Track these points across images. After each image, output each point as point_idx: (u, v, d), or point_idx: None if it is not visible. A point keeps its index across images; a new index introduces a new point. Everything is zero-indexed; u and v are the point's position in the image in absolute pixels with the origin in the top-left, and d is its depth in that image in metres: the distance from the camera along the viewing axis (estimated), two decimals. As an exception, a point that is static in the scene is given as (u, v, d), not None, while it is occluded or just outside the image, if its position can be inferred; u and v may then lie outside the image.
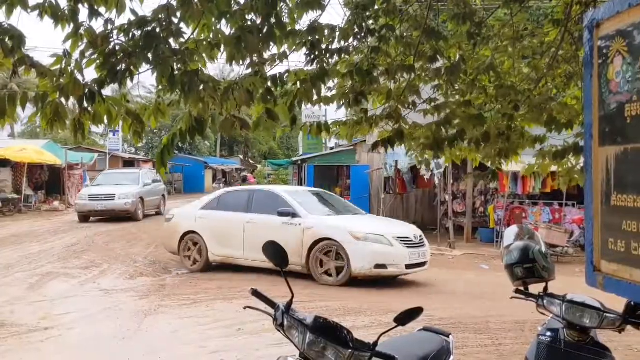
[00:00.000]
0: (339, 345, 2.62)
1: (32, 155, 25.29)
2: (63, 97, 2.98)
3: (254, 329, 6.96)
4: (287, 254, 2.80)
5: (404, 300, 8.58)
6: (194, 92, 3.02)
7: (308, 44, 3.62)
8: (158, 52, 2.89)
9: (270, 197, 11.29)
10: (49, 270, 11.05)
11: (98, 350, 6.27)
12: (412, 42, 4.37)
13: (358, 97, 4.28)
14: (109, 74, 2.94)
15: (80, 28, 2.91)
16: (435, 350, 3.32)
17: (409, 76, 4.63)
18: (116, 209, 20.63)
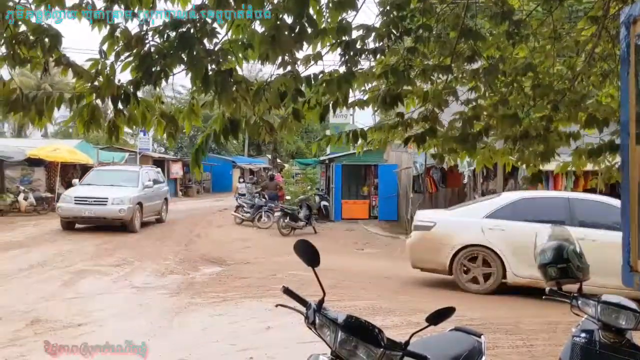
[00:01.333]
0: (371, 344, 2.62)
1: (64, 155, 25.80)
2: (99, 99, 3.02)
3: (283, 327, 6.99)
4: (318, 252, 2.80)
5: (433, 300, 8.52)
6: (227, 92, 3.02)
7: (342, 45, 3.57)
8: (192, 52, 2.90)
9: (602, 208, 9.22)
10: (81, 267, 11.25)
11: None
12: (449, 42, 4.27)
13: (394, 99, 4.18)
14: (144, 75, 2.96)
15: (116, 30, 2.95)
16: (467, 351, 3.30)
17: (445, 77, 4.53)
18: (108, 216, 16.68)
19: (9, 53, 2.79)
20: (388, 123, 4.97)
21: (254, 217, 19.77)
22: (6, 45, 2.77)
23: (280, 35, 2.93)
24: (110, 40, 2.95)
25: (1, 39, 2.74)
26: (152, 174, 20.38)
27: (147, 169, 20.97)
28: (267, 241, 16.41)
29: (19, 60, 2.83)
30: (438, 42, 4.25)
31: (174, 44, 2.88)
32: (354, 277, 10.47)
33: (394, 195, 21.07)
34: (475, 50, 4.29)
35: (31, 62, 2.90)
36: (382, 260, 13.41)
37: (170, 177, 38.32)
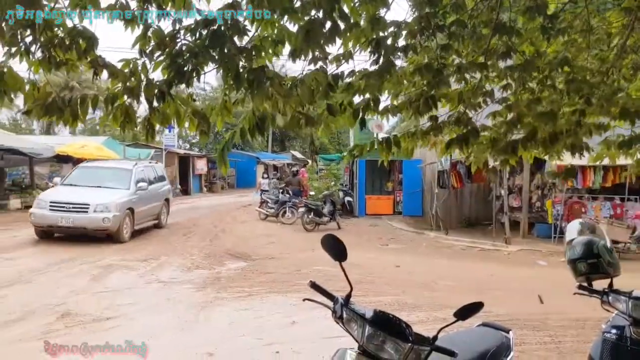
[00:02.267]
0: (399, 338, 2.62)
1: (92, 152, 26.21)
2: (133, 99, 3.05)
3: (309, 322, 7.03)
4: (345, 247, 2.81)
5: (458, 296, 8.47)
6: (261, 89, 3.02)
7: (373, 43, 3.52)
8: (224, 50, 2.91)
9: None
10: (109, 262, 11.42)
11: (158, 340, 6.44)
12: (483, 38, 4.16)
13: (429, 102, 4.07)
14: (176, 74, 2.97)
15: (149, 29, 2.97)
16: (495, 346, 3.28)
17: (480, 75, 4.43)
18: (89, 226, 13.66)
19: (45, 57, 2.83)
20: (421, 128, 4.81)
21: (278, 212, 19.84)
22: (42, 49, 2.81)
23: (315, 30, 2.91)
24: (143, 40, 2.98)
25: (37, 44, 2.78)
26: (149, 172, 17.25)
27: (143, 165, 17.47)
28: (291, 237, 16.46)
29: (55, 64, 2.87)
30: (472, 38, 4.14)
31: (205, 42, 2.89)
32: (379, 273, 10.46)
33: (419, 190, 20.95)
34: (510, 46, 4.17)
35: (66, 65, 2.94)
36: (407, 255, 13.36)
37: (195, 173, 38.69)
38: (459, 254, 13.80)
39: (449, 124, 4.57)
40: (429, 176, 19.35)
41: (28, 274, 10.08)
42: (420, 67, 3.96)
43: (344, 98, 3.84)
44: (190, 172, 37.95)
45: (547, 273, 11.19)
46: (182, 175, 37.27)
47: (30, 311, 7.54)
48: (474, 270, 11.52)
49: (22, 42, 2.74)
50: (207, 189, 40.96)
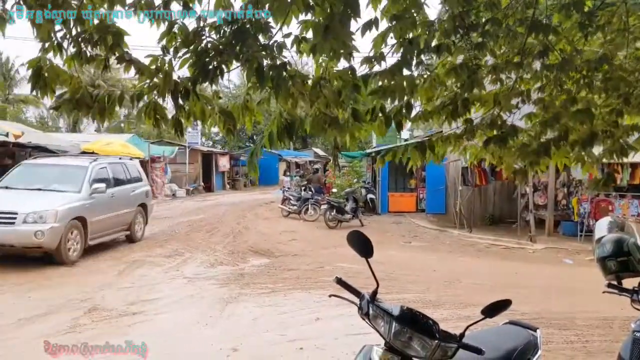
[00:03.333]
0: (426, 335, 2.61)
1: (117, 149, 26.47)
2: (159, 96, 3.07)
3: (332, 318, 7.04)
4: (372, 243, 2.80)
5: (482, 294, 8.40)
6: (283, 87, 3.01)
7: (405, 43, 3.46)
8: (247, 47, 2.91)
9: None
10: (135, 258, 11.57)
11: (183, 334, 6.52)
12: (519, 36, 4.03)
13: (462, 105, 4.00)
14: (201, 72, 2.98)
15: (174, 26, 2.99)
16: (522, 345, 3.24)
17: (516, 75, 4.32)
18: (17, 242, 10.22)
19: (76, 52, 2.87)
20: (455, 132, 4.67)
21: (300, 209, 19.88)
22: (73, 44, 2.85)
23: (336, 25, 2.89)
24: (168, 36, 2.99)
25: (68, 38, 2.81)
26: (116, 171, 13.51)
27: (107, 162, 13.55)
28: (314, 234, 16.48)
29: (85, 59, 2.91)
30: (507, 37, 4.02)
31: (229, 39, 2.89)
32: (402, 270, 10.42)
33: (442, 188, 20.80)
34: (547, 45, 4.04)
35: (95, 60, 2.97)
36: (430, 253, 13.30)
37: (218, 170, 38.96)
38: (483, 251, 13.69)
39: (483, 127, 4.45)
40: (453, 173, 19.19)
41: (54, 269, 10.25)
42: (455, 68, 3.87)
43: (375, 103, 3.76)
44: (213, 169, 38.22)
45: (573, 271, 11.03)
46: (205, 172, 37.55)
47: (58, 305, 7.67)
48: (498, 268, 11.42)
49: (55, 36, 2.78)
50: (229, 186, 41.25)
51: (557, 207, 16.29)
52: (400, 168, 22.43)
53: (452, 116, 4.12)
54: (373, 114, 3.72)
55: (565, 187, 16.39)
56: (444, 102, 4.22)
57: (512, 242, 14.64)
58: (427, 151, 4.37)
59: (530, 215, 15.18)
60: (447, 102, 4.15)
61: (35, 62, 2.87)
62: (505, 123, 4.38)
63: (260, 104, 3.52)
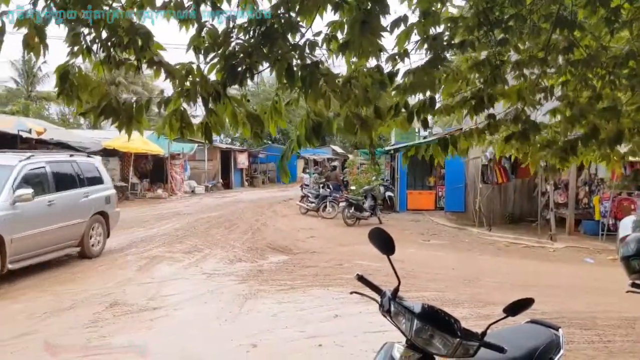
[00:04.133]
0: (447, 333, 2.60)
1: (138, 146, 26.75)
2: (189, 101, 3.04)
3: (351, 316, 7.04)
4: (393, 240, 2.80)
5: (502, 293, 8.36)
6: (314, 86, 2.98)
7: (429, 39, 3.44)
8: (277, 48, 2.90)
9: None
10: (155, 254, 11.69)
11: (203, 330, 6.58)
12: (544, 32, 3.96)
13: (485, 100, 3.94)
14: (229, 75, 2.96)
15: (203, 29, 2.98)
16: (545, 344, 3.22)
17: (540, 71, 4.27)
18: None
19: (106, 57, 2.87)
20: (478, 127, 4.62)
21: (318, 207, 19.89)
22: (103, 48, 2.85)
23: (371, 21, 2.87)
24: (198, 39, 3.00)
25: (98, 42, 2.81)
26: (62, 171, 10.80)
27: (44, 160, 10.45)
28: (332, 231, 16.49)
29: (115, 63, 2.91)
30: (532, 33, 3.96)
31: (258, 40, 2.89)
32: (421, 268, 10.38)
33: (461, 185, 20.67)
34: (572, 41, 3.98)
35: (125, 64, 2.97)
36: (449, 251, 13.23)
37: (237, 167, 39.15)
38: (503, 250, 13.58)
39: (506, 122, 4.40)
40: (472, 171, 19.05)
41: (77, 264, 10.40)
42: (478, 63, 3.84)
43: (399, 100, 3.72)
44: (232, 166, 38.43)
45: (595, 271, 10.91)
46: (224, 169, 37.77)
47: (80, 300, 7.79)
48: (518, 267, 11.32)
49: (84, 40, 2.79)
50: (248, 182, 41.46)
51: (578, 205, 16.10)
52: (419, 165, 22.41)
53: (474, 111, 4.09)
54: (396, 110, 3.70)
55: (586, 186, 16.19)
56: (466, 96, 4.18)
57: (532, 240, 14.51)
58: (449, 147, 4.33)
59: (551, 213, 15.03)
60: (470, 97, 4.12)
61: (62, 68, 2.87)
62: (529, 118, 4.33)
63: (288, 105, 3.50)
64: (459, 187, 20.77)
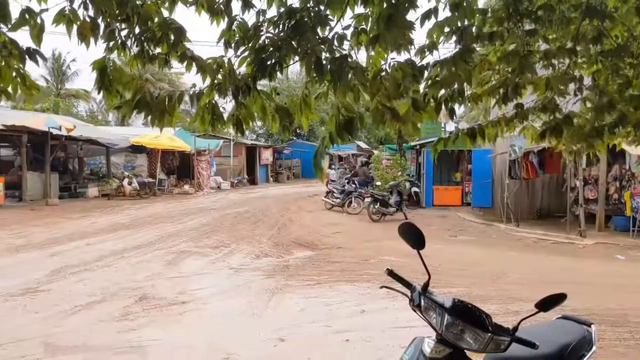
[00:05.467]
0: (478, 328, 2.59)
1: (165, 142, 27.14)
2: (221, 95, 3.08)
3: (378, 311, 7.04)
4: (424, 235, 2.79)
5: (531, 289, 8.26)
6: (343, 79, 2.98)
7: (458, 32, 3.40)
8: (306, 41, 2.90)
9: None
10: (183, 248, 11.83)
11: (231, 324, 6.64)
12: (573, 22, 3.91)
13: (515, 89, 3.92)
14: (259, 68, 2.98)
15: (234, 23, 3.01)
16: (577, 340, 3.18)
17: (569, 61, 4.21)
18: None
19: (139, 51, 2.92)
20: (505, 116, 4.61)
21: (343, 202, 19.89)
22: (137, 43, 2.90)
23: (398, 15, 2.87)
24: (228, 33, 3.02)
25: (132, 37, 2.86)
26: None
27: None
28: (358, 227, 16.48)
29: (148, 58, 2.96)
30: (561, 23, 3.91)
31: (288, 33, 2.90)
32: (448, 264, 10.31)
33: (489, 181, 20.44)
34: (601, 31, 3.92)
35: (158, 58, 3.02)
36: (476, 247, 13.12)
37: (262, 163, 39.36)
38: (531, 246, 13.42)
39: (535, 110, 4.37)
40: (500, 166, 18.82)
41: (107, 259, 10.58)
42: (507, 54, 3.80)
43: (432, 92, 3.69)
44: (257, 162, 38.64)
45: (625, 267, 10.71)
46: (249, 165, 38.00)
47: (110, 294, 7.93)
48: (546, 263, 11.17)
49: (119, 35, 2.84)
50: (273, 178, 41.66)
51: (608, 201, 15.80)
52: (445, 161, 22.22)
53: (502, 100, 4.06)
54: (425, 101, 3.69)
55: (617, 181, 15.88)
56: (494, 85, 4.15)
57: (561, 237, 14.30)
58: (477, 136, 4.31)
59: (580, 209, 14.78)
60: (498, 85, 4.08)
61: (100, 63, 2.92)
62: (559, 107, 4.28)
63: (318, 99, 3.51)
64: (486, 182, 20.53)
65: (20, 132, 20.70)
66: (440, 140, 4.65)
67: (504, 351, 2.62)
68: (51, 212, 18.47)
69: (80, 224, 15.80)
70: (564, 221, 15.99)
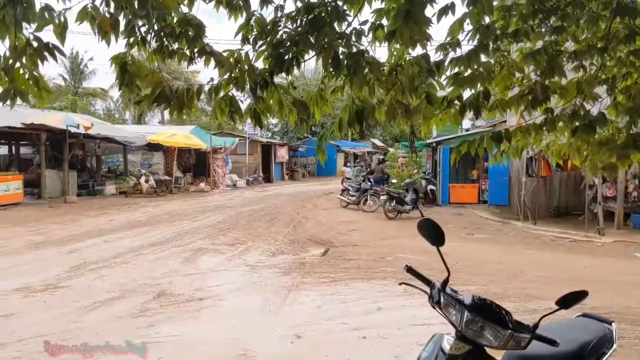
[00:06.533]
0: (498, 325, 2.58)
1: (181, 140, 27.32)
2: (238, 89, 3.09)
3: (394, 309, 7.02)
4: (443, 231, 2.78)
5: (549, 287, 8.19)
6: (359, 74, 2.98)
7: (481, 30, 3.36)
8: (323, 36, 2.91)
9: None
10: (199, 245, 11.90)
11: (248, 320, 6.67)
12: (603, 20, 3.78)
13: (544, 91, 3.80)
14: (276, 63, 2.99)
15: (251, 18, 3.03)
16: (597, 338, 3.15)
17: (601, 61, 4.06)
18: None
19: (159, 46, 2.95)
20: (535, 123, 4.36)
21: (359, 200, 19.87)
22: (156, 38, 2.93)
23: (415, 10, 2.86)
24: (246, 27, 3.04)
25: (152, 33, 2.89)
26: None
27: None
28: (373, 224, 16.45)
29: (168, 53, 2.99)
30: (590, 21, 3.77)
31: (305, 28, 2.91)
32: (465, 262, 10.26)
33: (505, 179, 20.28)
34: (633, 29, 3.77)
35: (177, 53, 3.04)
36: (493, 245, 13.04)
37: (277, 161, 39.45)
38: (549, 244, 13.30)
39: (564, 117, 4.15)
40: (517, 164, 18.67)
41: (125, 255, 10.68)
42: (533, 53, 3.73)
43: (454, 93, 3.63)
44: (272, 160, 38.73)
45: (646, 266, 10.60)
46: (264, 163, 38.10)
47: (128, 290, 8.00)
48: (564, 261, 11.08)
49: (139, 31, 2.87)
50: (288, 176, 41.73)
51: (627, 198, 15.61)
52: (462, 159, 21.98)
53: (531, 105, 3.96)
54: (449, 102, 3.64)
55: (636, 179, 15.69)
56: (522, 90, 4.05)
57: (579, 235, 14.16)
58: (503, 140, 4.14)
59: (599, 207, 14.62)
60: (526, 91, 3.99)
61: (120, 58, 2.95)
62: (589, 113, 4.15)
63: (334, 93, 3.51)
64: (502, 180, 20.38)
65: (39, 131, 20.93)
66: (464, 143, 4.43)
67: (524, 348, 2.60)
68: (69, 210, 18.67)
69: (98, 222, 15.95)
70: (582, 219, 15.83)
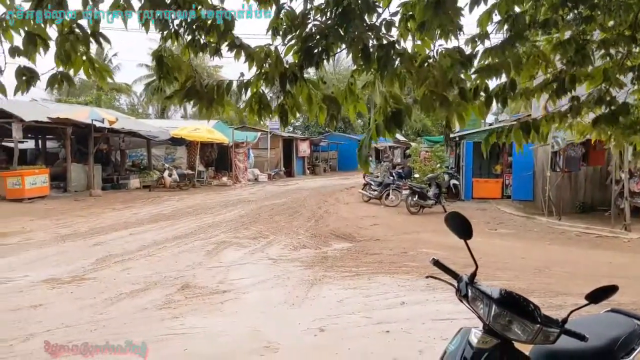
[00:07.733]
0: (527, 319, 2.55)
1: (204, 134, 27.51)
2: (267, 84, 3.09)
3: (418, 303, 6.99)
4: (471, 225, 2.76)
5: (574, 282, 8.10)
6: (390, 67, 2.94)
7: (510, 20, 3.31)
8: (353, 28, 2.87)
9: None
10: (222, 239, 11.99)
11: (271, 313, 6.70)
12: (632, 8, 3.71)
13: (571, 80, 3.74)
14: (306, 57, 2.98)
15: (282, 10, 3.02)
16: (627, 333, 3.11)
17: (628, 49, 4.00)
18: None
19: (191, 40, 2.97)
20: (560, 110, 4.36)
21: (381, 195, 19.82)
22: (189, 31, 2.95)
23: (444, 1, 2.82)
24: (276, 21, 3.04)
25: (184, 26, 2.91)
26: None
27: None
28: (395, 219, 16.40)
29: (199, 46, 3.00)
30: (619, 9, 3.69)
31: (335, 21, 2.88)
32: (489, 257, 10.17)
33: (530, 173, 20.05)
34: None
35: (209, 47, 3.05)
36: (517, 240, 12.91)
37: (299, 156, 39.52)
38: (574, 240, 13.13)
39: (589, 103, 4.15)
40: (542, 158, 18.43)
41: (149, 248, 10.81)
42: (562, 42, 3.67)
43: (480, 83, 3.56)
44: (294, 155, 38.81)
45: (674, 263, 10.40)
46: (286, 157, 38.20)
47: (153, 282, 8.10)
48: (590, 257, 10.92)
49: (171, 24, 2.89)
50: (309, 171, 41.79)
51: (655, 194, 15.34)
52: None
53: (556, 94, 3.91)
54: (475, 93, 3.59)
55: (664, 174, 15.40)
56: (547, 79, 4.01)
57: (605, 230, 13.94)
58: (531, 131, 4.08)
59: (625, 202, 14.38)
60: (551, 79, 3.94)
61: (157, 52, 2.98)
62: (615, 99, 4.10)
63: (365, 88, 3.47)
64: (527, 175, 20.15)
65: (65, 125, 21.26)
66: (493, 133, 4.39)
67: (553, 343, 2.58)
68: (94, 203, 18.95)
69: (122, 215, 16.17)
70: (607, 215, 15.58)
